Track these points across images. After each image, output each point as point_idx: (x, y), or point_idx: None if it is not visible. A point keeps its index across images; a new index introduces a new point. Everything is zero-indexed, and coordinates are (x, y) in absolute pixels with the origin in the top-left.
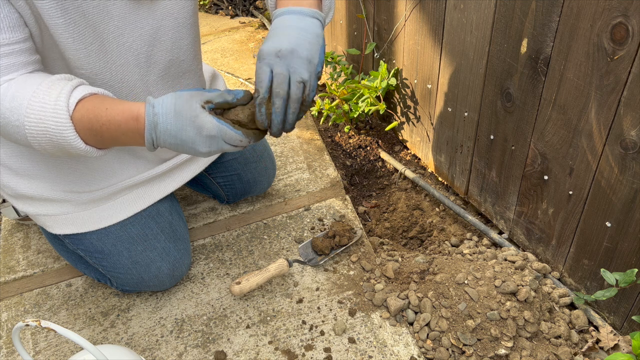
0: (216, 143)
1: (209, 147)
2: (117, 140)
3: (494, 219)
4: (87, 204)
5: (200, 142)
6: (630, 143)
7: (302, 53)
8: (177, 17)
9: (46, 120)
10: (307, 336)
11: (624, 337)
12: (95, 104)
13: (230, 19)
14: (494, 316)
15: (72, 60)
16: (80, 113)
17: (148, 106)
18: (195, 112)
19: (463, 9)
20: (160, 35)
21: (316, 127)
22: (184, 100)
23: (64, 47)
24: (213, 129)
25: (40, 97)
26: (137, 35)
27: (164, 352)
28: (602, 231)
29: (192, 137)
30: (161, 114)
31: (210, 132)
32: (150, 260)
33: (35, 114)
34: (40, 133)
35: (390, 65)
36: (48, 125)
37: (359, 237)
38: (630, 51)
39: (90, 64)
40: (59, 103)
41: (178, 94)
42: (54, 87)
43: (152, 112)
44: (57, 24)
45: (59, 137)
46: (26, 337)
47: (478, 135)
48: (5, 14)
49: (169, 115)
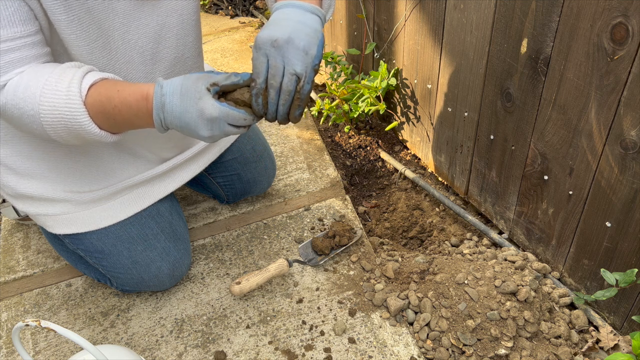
0: (218, 126)
1: (211, 131)
2: (130, 122)
3: (494, 219)
4: (87, 203)
5: (202, 125)
6: (630, 143)
7: (299, 43)
8: (181, 14)
9: (60, 107)
10: (307, 336)
11: (624, 337)
12: (108, 87)
13: (230, 19)
14: (494, 316)
15: (76, 56)
16: (93, 97)
17: (157, 86)
18: (200, 94)
19: (463, 9)
20: (165, 32)
21: (316, 127)
22: (191, 81)
23: (67, 43)
24: (214, 111)
25: (53, 85)
26: (142, 32)
27: (163, 352)
28: (602, 231)
29: (194, 120)
30: (168, 93)
31: (212, 114)
32: (150, 260)
33: (49, 101)
34: (55, 120)
35: (390, 65)
36: (62, 112)
37: (359, 237)
38: (630, 51)
39: (93, 60)
40: (72, 89)
41: (187, 76)
42: (66, 74)
43: (160, 92)
44: (59, 20)
45: (74, 122)
46: (26, 337)
47: (478, 135)
48: (16, 7)
49: (175, 96)
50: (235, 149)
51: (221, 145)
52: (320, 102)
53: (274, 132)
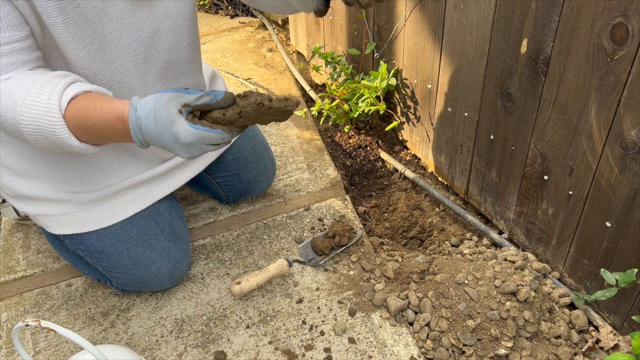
0: (196, 148)
1: (190, 153)
2: (110, 138)
3: (494, 219)
4: (87, 204)
5: (179, 149)
6: (630, 143)
7: None
8: (175, 20)
9: (40, 119)
10: (307, 336)
11: (624, 337)
12: (86, 103)
13: (230, 19)
14: (494, 316)
15: (72, 59)
16: (72, 112)
17: (131, 109)
18: (171, 119)
19: (463, 9)
20: (158, 37)
21: (316, 127)
22: (163, 104)
23: (63, 46)
24: (188, 136)
25: (34, 96)
26: (136, 36)
27: (163, 352)
28: (602, 231)
29: (171, 144)
30: (143, 117)
31: (186, 140)
32: (150, 260)
33: (29, 112)
34: (35, 131)
35: (390, 65)
36: (42, 124)
37: (359, 237)
38: (630, 51)
39: (90, 63)
40: (51, 102)
41: (159, 96)
42: (48, 85)
43: (134, 115)
44: (55, 23)
45: (53, 135)
46: (26, 337)
47: (478, 135)
48: (5, 12)
49: (149, 119)
50: (235, 149)
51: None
52: (320, 102)
53: (274, 132)
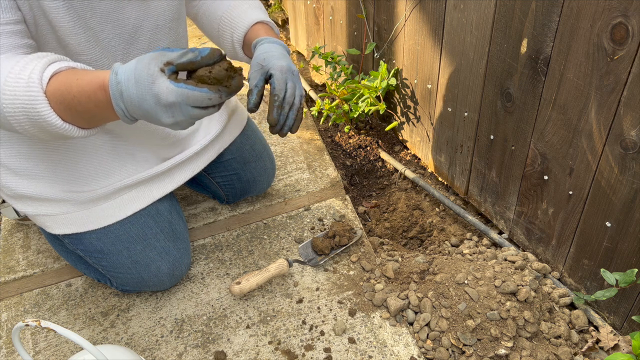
0: (180, 111)
1: (173, 117)
2: (92, 113)
3: (494, 219)
4: (86, 203)
5: (162, 112)
6: (630, 143)
7: (297, 73)
8: (157, 19)
9: (20, 95)
10: (307, 336)
11: (624, 337)
12: (68, 76)
13: None
14: (494, 316)
15: (73, 45)
16: (53, 87)
17: (112, 74)
18: (152, 78)
19: (463, 9)
20: (138, 35)
21: (316, 127)
22: (144, 64)
23: (63, 32)
24: (170, 95)
25: (16, 73)
26: (117, 33)
27: (163, 352)
28: (602, 231)
29: (152, 107)
30: (124, 80)
31: (168, 99)
32: (150, 260)
33: (10, 90)
34: (17, 111)
35: (390, 65)
36: (22, 101)
37: (359, 237)
38: (630, 51)
39: (90, 49)
40: (32, 76)
41: (140, 57)
42: (31, 63)
43: (115, 80)
44: (56, 7)
45: (34, 112)
46: (26, 337)
47: (478, 135)
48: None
49: (130, 82)
50: (235, 148)
51: (221, 144)
52: (320, 102)
53: None
